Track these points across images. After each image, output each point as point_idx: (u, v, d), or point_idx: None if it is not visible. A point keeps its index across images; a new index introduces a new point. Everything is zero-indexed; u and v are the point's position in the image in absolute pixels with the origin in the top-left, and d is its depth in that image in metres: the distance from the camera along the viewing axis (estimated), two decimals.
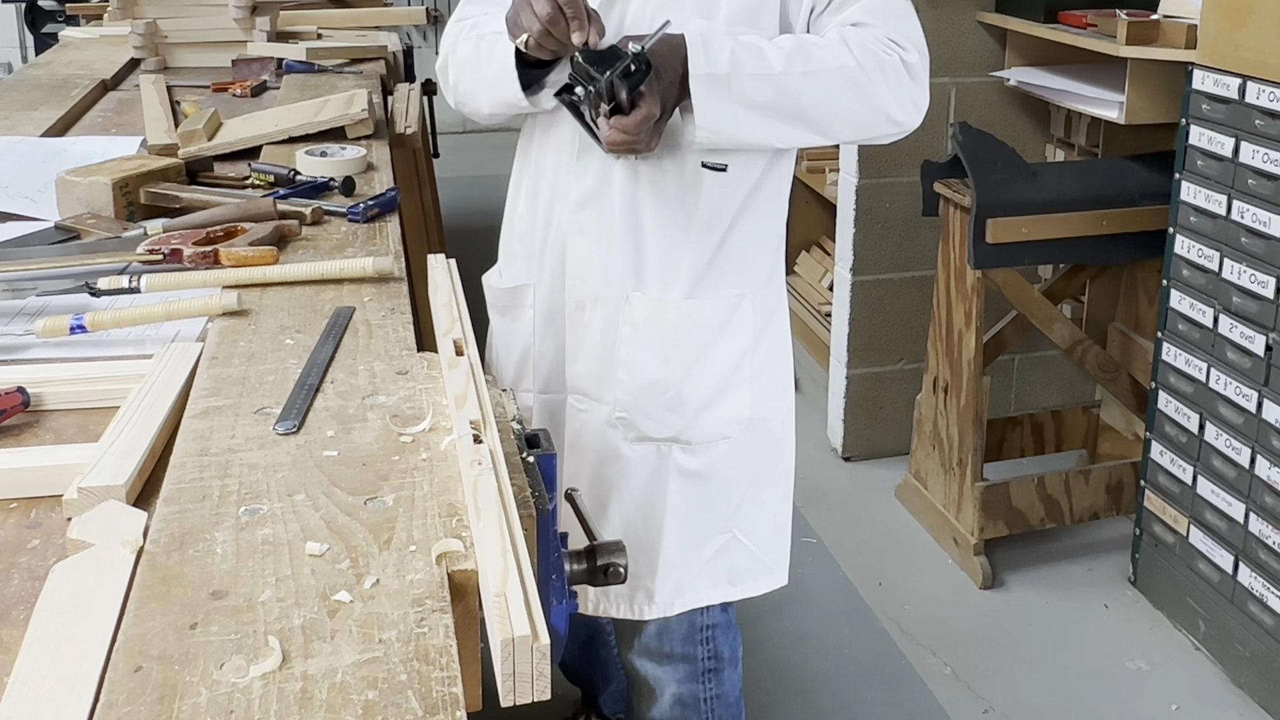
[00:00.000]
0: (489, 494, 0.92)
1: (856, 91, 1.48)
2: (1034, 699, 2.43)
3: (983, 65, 3.11)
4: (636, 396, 1.62)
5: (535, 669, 0.75)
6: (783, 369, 1.73)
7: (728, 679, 1.84)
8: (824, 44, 1.49)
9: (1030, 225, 2.63)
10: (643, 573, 1.68)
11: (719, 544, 1.70)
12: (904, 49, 1.51)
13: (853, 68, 1.47)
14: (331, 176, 1.83)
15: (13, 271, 1.45)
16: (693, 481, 1.66)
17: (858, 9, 1.51)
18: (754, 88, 1.44)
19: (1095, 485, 2.86)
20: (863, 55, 1.48)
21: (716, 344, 1.63)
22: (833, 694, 2.44)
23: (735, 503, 1.70)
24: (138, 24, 2.88)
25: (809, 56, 1.46)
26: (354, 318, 1.32)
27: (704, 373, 1.62)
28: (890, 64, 1.49)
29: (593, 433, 1.65)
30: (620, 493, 1.66)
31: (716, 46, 1.44)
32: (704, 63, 1.43)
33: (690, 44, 1.43)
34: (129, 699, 0.73)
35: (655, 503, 1.66)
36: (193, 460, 1.01)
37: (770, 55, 1.45)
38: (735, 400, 1.65)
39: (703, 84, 1.42)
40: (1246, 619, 2.37)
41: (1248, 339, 2.29)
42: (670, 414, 1.63)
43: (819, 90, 1.47)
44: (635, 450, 1.64)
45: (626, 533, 1.66)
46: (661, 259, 1.58)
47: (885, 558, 2.91)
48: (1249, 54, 2.23)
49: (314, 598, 0.83)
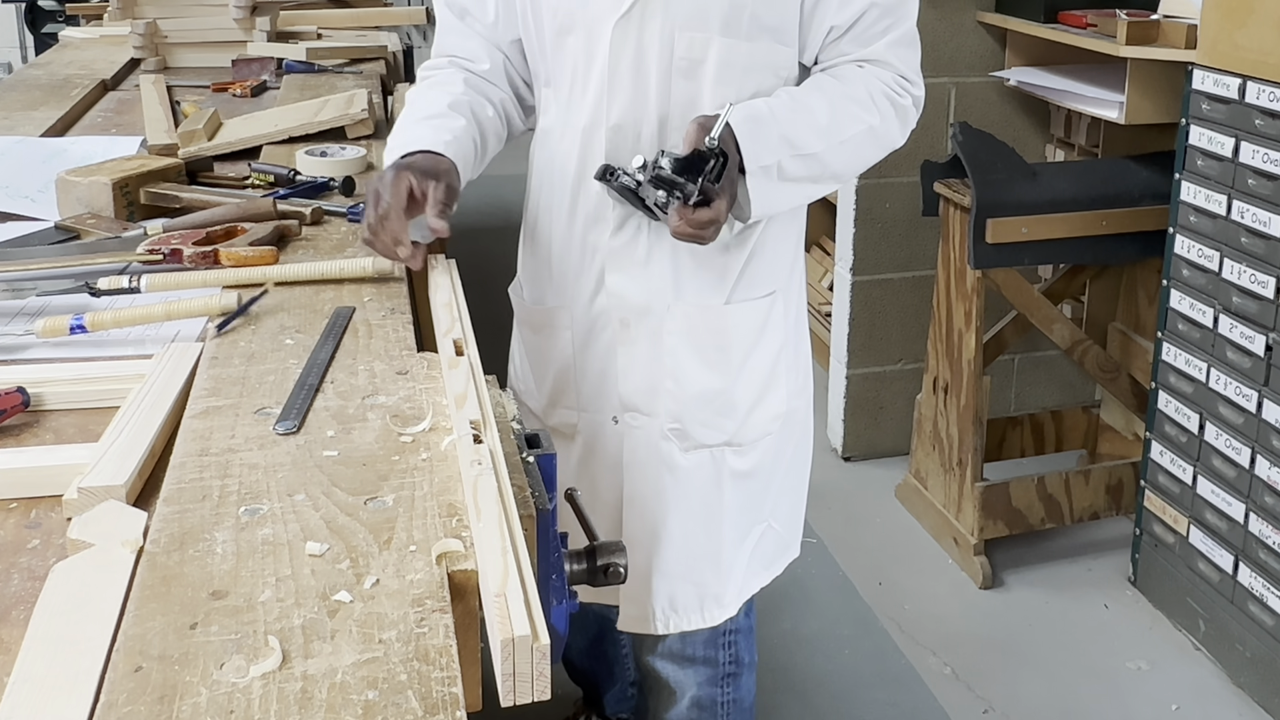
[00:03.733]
0: (489, 494, 0.92)
1: (878, 144, 1.55)
2: (1034, 699, 2.43)
3: (983, 65, 3.11)
4: (687, 405, 1.62)
5: (535, 669, 0.76)
6: (806, 357, 1.75)
7: (745, 683, 1.84)
8: (852, 102, 1.51)
9: (1030, 225, 2.63)
10: (708, 579, 1.68)
11: (758, 534, 1.72)
12: (913, 83, 1.56)
13: (877, 125, 1.52)
14: (331, 176, 1.83)
15: (13, 271, 1.45)
16: (743, 481, 1.67)
17: (883, 46, 1.52)
18: (798, 168, 1.48)
19: (1095, 485, 2.86)
20: (883, 106, 1.52)
21: (758, 345, 1.63)
22: (833, 694, 2.44)
23: (774, 494, 1.73)
24: (138, 24, 2.88)
25: (842, 126, 1.50)
26: (354, 318, 1.32)
27: (749, 374, 1.63)
28: (903, 106, 1.55)
29: (647, 448, 1.64)
30: (680, 504, 1.65)
31: (765, 134, 1.45)
32: (755, 155, 1.45)
33: (740, 134, 1.43)
34: (129, 699, 0.73)
35: (712, 508, 1.66)
36: (193, 460, 1.01)
37: (809, 133, 1.48)
38: (775, 397, 1.67)
39: (758, 177, 1.45)
40: (1246, 619, 2.37)
41: (1248, 339, 2.29)
42: (722, 419, 1.63)
43: (851, 154, 1.54)
44: (690, 459, 1.64)
45: (689, 543, 1.66)
46: (699, 269, 1.58)
47: (885, 558, 2.91)
48: (1249, 54, 2.23)
49: (314, 598, 0.83)
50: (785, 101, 1.48)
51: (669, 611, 1.68)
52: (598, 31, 1.48)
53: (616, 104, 1.50)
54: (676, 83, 1.49)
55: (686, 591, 1.68)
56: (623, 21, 1.46)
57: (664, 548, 1.66)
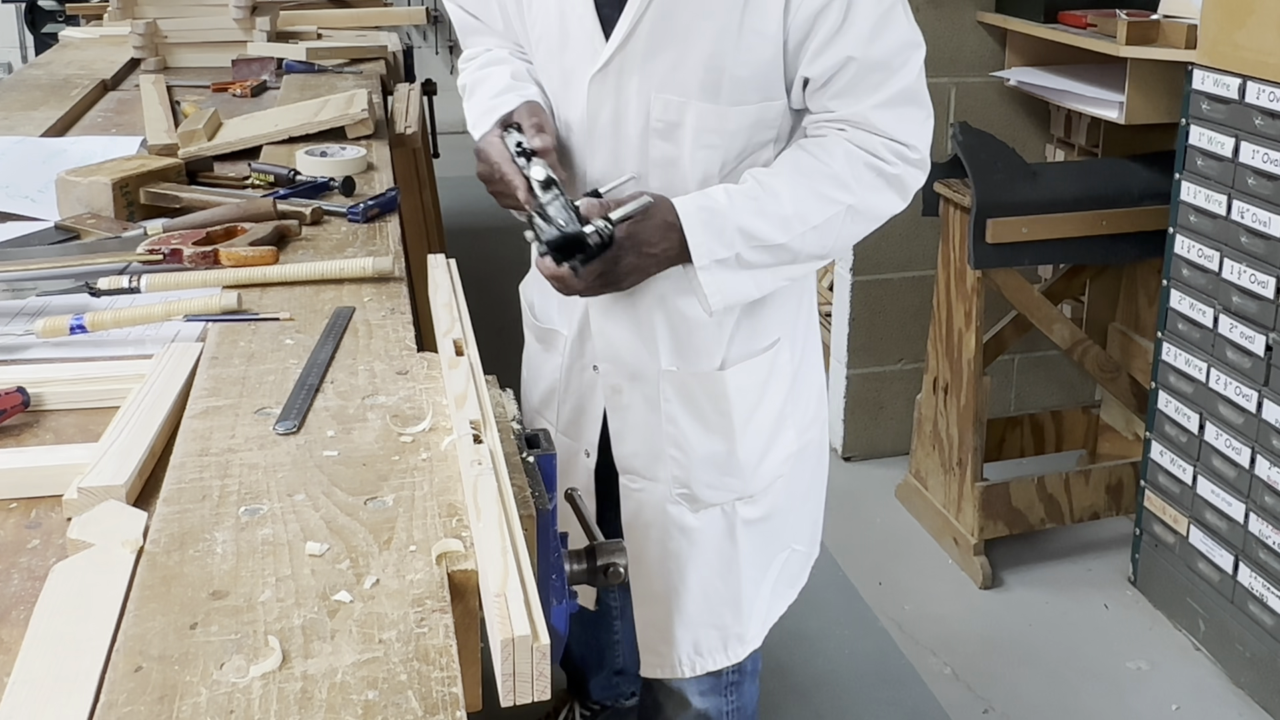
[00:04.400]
0: (489, 494, 0.92)
1: (859, 220, 1.44)
2: (1034, 699, 2.43)
3: (983, 65, 3.11)
4: (692, 471, 1.58)
5: (535, 669, 0.75)
6: (817, 383, 1.69)
7: (748, 691, 1.83)
8: (826, 182, 1.40)
9: (1030, 225, 2.63)
10: (729, 622, 1.66)
11: (780, 562, 1.70)
12: (909, 148, 1.42)
13: (857, 204, 1.41)
14: (331, 176, 1.83)
15: (13, 271, 1.45)
16: (758, 525, 1.64)
17: (868, 107, 1.39)
18: (759, 257, 1.40)
19: (1095, 485, 2.86)
20: (866, 179, 1.41)
21: (761, 401, 1.58)
22: (833, 694, 2.44)
23: (793, 523, 1.70)
24: (138, 24, 2.88)
25: (810, 212, 1.40)
26: (354, 318, 1.32)
27: (754, 431, 1.58)
28: (891, 175, 1.42)
29: (653, 510, 1.61)
30: (694, 561, 1.62)
31: (717, 227, 1.37)
32: (706, 250, 1.38)
33: (689, 227, 1.37)
34: (129, 699, 0.73)
35: (728, 558, 1.63)
36: (193, 460, 1.01)
37: (771, 223, 1.38)
38: (783, 441, 1.62)
39: (711, 271, 1.39)
40: (1246, 619, 2.37)
41: (1248, 339, 2.29)
42: (730, 478, 1.59)
43: (824, 236, 1.43)
44: (701, 519, 1.61)
45: (707, 593, 1.63)
46: (689, 334, 1.53)
47: (885, 558, 2.91)
48: (1249, 54, 2.23)
49: (314, 598, 0.83)
50: (748, 189, 1.40)
51: (694, 656, 1.67)
52: (576, 85, 1.45)
53: (597, 159, 1.47)
54: (654, 143, 1.43)
55: (709, 636, 1.66)
56: (599, 77, 1.42)
57: (682, 601, 1.64)
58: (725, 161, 1.44)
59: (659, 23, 1.36)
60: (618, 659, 2.15)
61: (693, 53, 1.37)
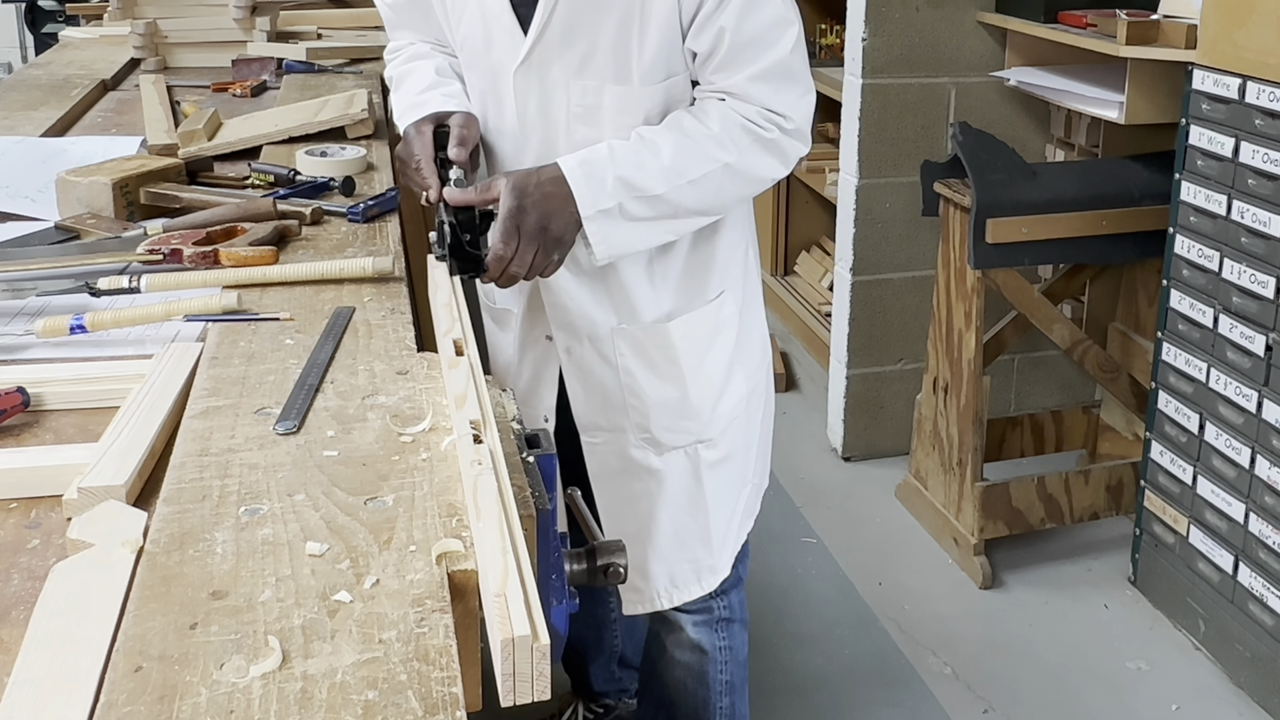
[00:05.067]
0: (489, 494, 0.92)
1: (737, 179, 1.52)
2: (1034, 699, 2.43)
3: (983, 65, 3.11)
4: (650, 417, 1.67)
5: (535, 669, 0.76)
6: (760, 332, 1.79)
7: (738, 635, 1.90)
8: (704, 140, 1.49)
9: (1030, 225, 2.63)
10: (701, 555, 1.75)
11: (743, 496, 1.79)
12: (784, 117, 1.51)
13: (733, 162, 1.50)
14: (331, 176, 1.83)
15: (13, 271, 1.45)
16: (719, 466, 1.73)
17: (743, 79, 1.49)
18: (641, 209, 1.48)
19: (1095, 485, 2.86)
20: (742, 140, 1.50)
21: (711, 348, 1.68)
22: (833, 694, 2.44)
23: (750, 459, 1.79)
24: (138, 24, 2.88)
25: (688, 165, 1.48)
26: (354, 318, 1.32)
27: (705, 378, 1.68)
28: (768, 140, 1.51)
29: (617, 459, 1.71)
30: (663, 500, 1.72)
31: (598, 179, 1.45)
32: (590, 201, 1.45)
33: (572, 180, 1.45)
34: (129, 699, 0.73)
35: (694, 497, 1.72)
36: (193, 460, 1.01)
37: (651, 174, 1.47)
38: (734, 385, 1.72)
39: (597, 221, 1.46)
40: (1246, 619, 2.37)
41: (1248, 339, 2.29)
42: (688, 421, 1.69)
43: (703, 191, 1.51)
44: (665, 461, 1.70)
45: (679, 532, 1.73)
46: (635, 290, 1.62)
47: (885, 558, 2.91)
48: (1249, 54, 2.23)
49: (314, 598, 0.83)
50: (630, 144, 1.48)
51: (670, 589, 1.76)
52: (503, 79, 1.54)
53: (530, 147, 1.55)
54: (576, 128, 1.53)
55: (683, 569, 1.75)
56: (522, 70, 1.51)
57: (655, 540, 1.73)
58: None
59: (569, 15, 1.46)
60: (616, 640, 2.19)
61: (602, 40, 1.47)
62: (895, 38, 3.05)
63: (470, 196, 1.43)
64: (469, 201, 1.43)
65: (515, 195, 1.41)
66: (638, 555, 1.73)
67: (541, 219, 1.42)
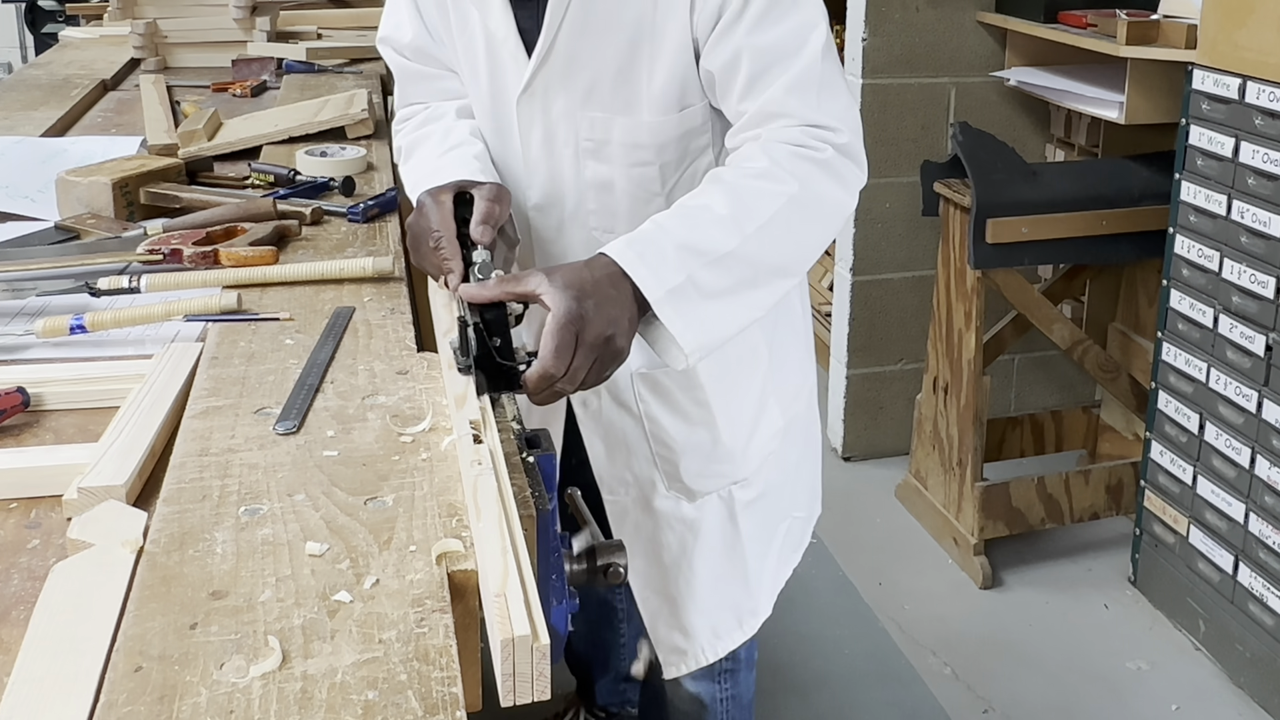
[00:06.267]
0: (489, 494, 0.92)
1: (808, 213, 1.28)
2: (1034, 699, 2.43)
3: (983, 65, 3.11)
4: (682, 464, 1.54)
5: (535, 669, 0.76)
6: (798, 354, 1.64)
7: (744, 680, 1.83)
8: (753, 181, 1.26)
9: (1030, 225, 2.63)
10: (740, 598, 1.64)
11: (782, 531, 1.68)
12: (833, 131, 1.29)
13: (799, 193, 1.26)
14: (331, 176, 1.83)
15: (13, 271, 1.45)
16: (756, 504, 1.61)
17: (776, 93, 1.28)
18: (715, 277, 1.21)
19: (1095, 485, 2.86)
20: (799, 168, 1.27)
21: (739, 380, 1.53)
22: (833, 694, 2.44)
23: (789, 492, 1.67)
24: (138, 24, 2.88)
25: (751, 209, 1.24)
26: (354, 318, 1.32)
27: (736, 415, 1.54)
28: (826, 161, 1.28)
29: (646, 512, 1.57)
30: (700, 550, 1.59)
31: (657, 253, 1.19)
32: (655, 281, 1.17)
33: (626, 264, 1.18)
34: (129, 699, 0.73)
35: (731, 540, 1.60)
36: (193, 460, 1.01)
37: (713, 231, 1.22)
38: (768, 419, 1.58)
39: (668, 306, 1.18)
40: (1246, 619, 2.37)
41: (1248, 339, 2.29)
42: (721, 464, 1.55)
43: (777, 238, 1.26)
44: (700, 508, 1.57)
45: (718, 579, 1.61)
46: None
47: (885, 558, 2.91)
48: (1249, 54, 2.23)
49: (314, 598, 0.83)
50: (673, 211, 1.26)
51: (713, 640, 1.65)
52: (506, 109, 1.41)
53: (535, 186, 1.43)
54: (586, 164, 1.39)
55: (724, 617, 1.64)
56: (525, 98, 1.38)
57: (695, 592, 1.61)
58: (665, 178, 1.39)
59: (574, 38, 1.32)
60: (623, 662, 2.14)
61: (608, 65, 1.33)
62: (895, 38, 3.05)
63: (501, 291, 1.16)
64: (499, 297, 1.16)
65: (573, 298, 1.13)
66: (676, 612, 1.61)
67: (605, 327, 1.14)
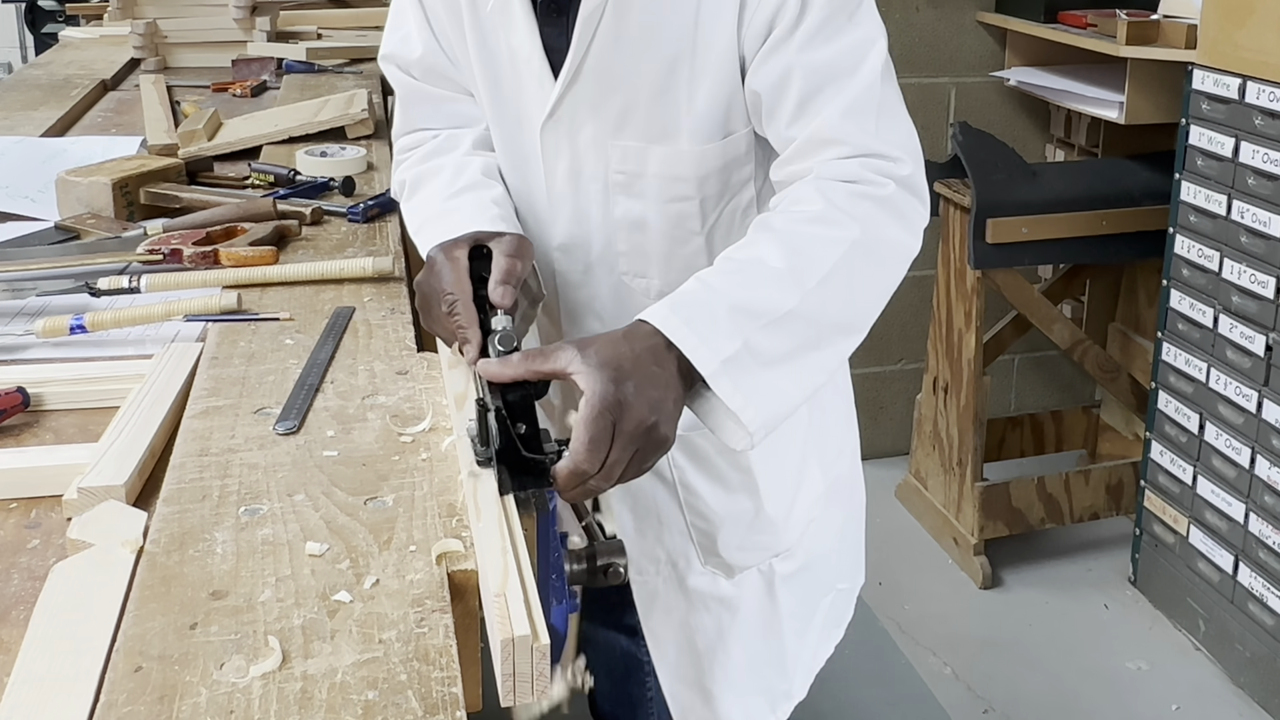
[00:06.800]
0: (489, 494, 0.92)
1: (873, 261, 1.12)
2: (1034, 699, 2.43)
3: (983, 65, 3.11)
4: (720, 537, 1.39)
5: (535, 669, 0.76)
6: (842, 406, 1.49)
7: None
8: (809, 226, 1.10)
9: (1030, 225, 2.63)
10: (774, 681, 1.51)
11: (825, 606, 1.53)
12: (893, 161, 1.13)
13: (859, 238, 1.09)
14: (331, 176, 1.83)
15: (13, 271, 1.45)
16: (797, 577, 1.47)
17: (830, 117, 1.13)
18: (774, 341, 1.04)
19: (1095, 485, 2.86)
20: (860, 208, 1.11)
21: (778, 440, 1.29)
22: (833, 694, 2.44)
23: (834, 563, 1.52)
24: (138, 24, 2.88)
25: (810, 262, 1.08)
26: (354, 318, 1.32)
27: (777, 476, 1.39)
28: (888, 199, 1.12)
29: (679, 592, 1.42)
30: (736, 631, 1.44)
31: (707, 317, 1.02)
32: (708, 351, 1.01)
33: (671, 332, 1.01)
34: (129, 699, 0.73)
35: (769, 618, 1.46)
36: (193, 460, 1.01)
37: (769, 288, 1.06)
38: (809, 482, 1.43)
39: (725, 379, 1.01)
40: (1246, 619, 2.37)
41: (1248, 339, 2.29)
42: (762, 535, 1.40)
43: (841, 291, 1.09)
44: (738, 585, 1.43)
45: (752, 661, 1.47)
46: None
47: (885, 558, 2.90)
48: (1249, 54, 2.23)
49: (314, 598, 0.83)
50: (720, 266, 1.09)
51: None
52: (528, 137, 1.26)
53: (559, 224, 1.28)
54: (617, 199, 1.24)
55: (757, 702, 1.51)
56: (550, 125, 1.23)
57: (729, 675, 1.47)
58: (704, 215, 1.24)
59: (606, 56, 1.18)
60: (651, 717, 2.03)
61: (644, 87, 1.18)
62: (895, 38, 3.01)
63: (525, 369, 1.00)
64: (524, 376, 0.99)
65: (610, 379, 0.96)
66: (710, 702, 1.47)
67: (648, 413, 0.97)
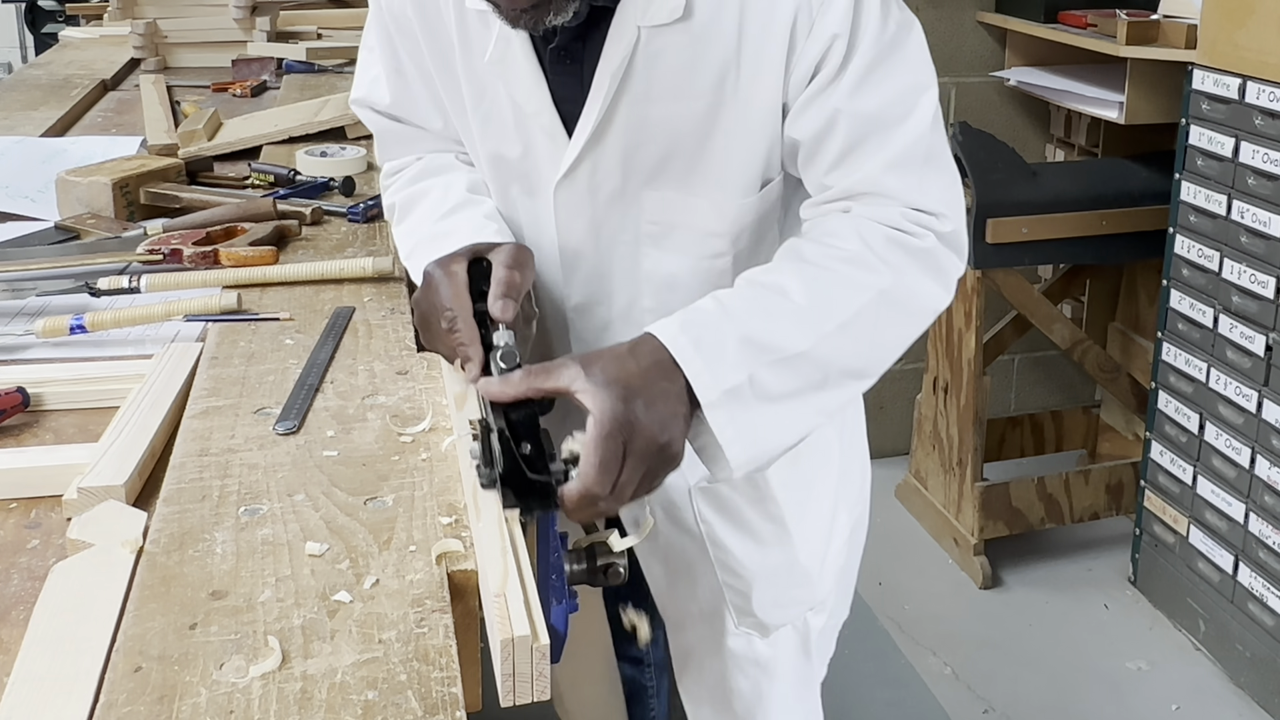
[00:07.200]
0: (489, 494, 0.92)
1: (898, 313, 1.07)
2: (1034, 699, 2.43)
3: (983, 65, 3.11)
4: (755, 594, 1.30)
5: (535, 669, 0.76)
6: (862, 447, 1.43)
7: None
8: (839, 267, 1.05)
9: (1030, 225, 2.63)
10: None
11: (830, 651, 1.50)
12: (937, 216, 1.07)
13: (889, 287, 1.05)
14: (331, 176, 1.83)
15: (13, 271, 1.45)
16: (825, 632, 1.41)
17: (872, 170, 1.07)
18: (779, 379, 1.00)
19: (1095, 485, 2.86)
20: (894, 257, 1.06)
21: (813, 487, 1.31)
22: (833, 694, 2.43)
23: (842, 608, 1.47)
24: (138, 24, 2.88)
25: (831, 305, 1.03)
26: (354, 318, 1.32)
27: (811, 526, 1.32)
28: (927, 251, 1.07)
29: (714, 653, 1.34)
30: (773, 693, 1.36)
31: (716, 344, 0.98)
32: (711, 379, 0.97)
33: (678, 352, 0.97)
34: (129, 699, 0.73)
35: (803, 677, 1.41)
36: (193, 460, 1.01)
37: (785, 324, 1.01)
38: (839, 527, 1.37)
39: (721, 410, 0.97)
40: (1246, 619, 2.37)
41: (1248, 339, 2.29)
42: (798, 589, 1.33)
43: (858, 339, 1.05)
44: (775, 645, 1.34)
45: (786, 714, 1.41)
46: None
47: (885, 558, 2.90)
48: (1249, 54, 2.23)
49: (314, 598, 0.83)
50: (742, 290, 1.05)
51: None
52: (541, 197, 1.17)
53: (576, 281, 1.19)
54: (647, 253, 1.15)
55: None
56: (566, 184, 1.13)
57: None
58: (736, 272, 1.13)
59: (638, 107, 1.08)
60: None
61: (682, 139, 1.10)
62: None
63: (529, 387, 0.96)
64: (527, 394, 0.96)
65: (618, 397, 0.93)
66: None
67: (658, 432, 0.94)
